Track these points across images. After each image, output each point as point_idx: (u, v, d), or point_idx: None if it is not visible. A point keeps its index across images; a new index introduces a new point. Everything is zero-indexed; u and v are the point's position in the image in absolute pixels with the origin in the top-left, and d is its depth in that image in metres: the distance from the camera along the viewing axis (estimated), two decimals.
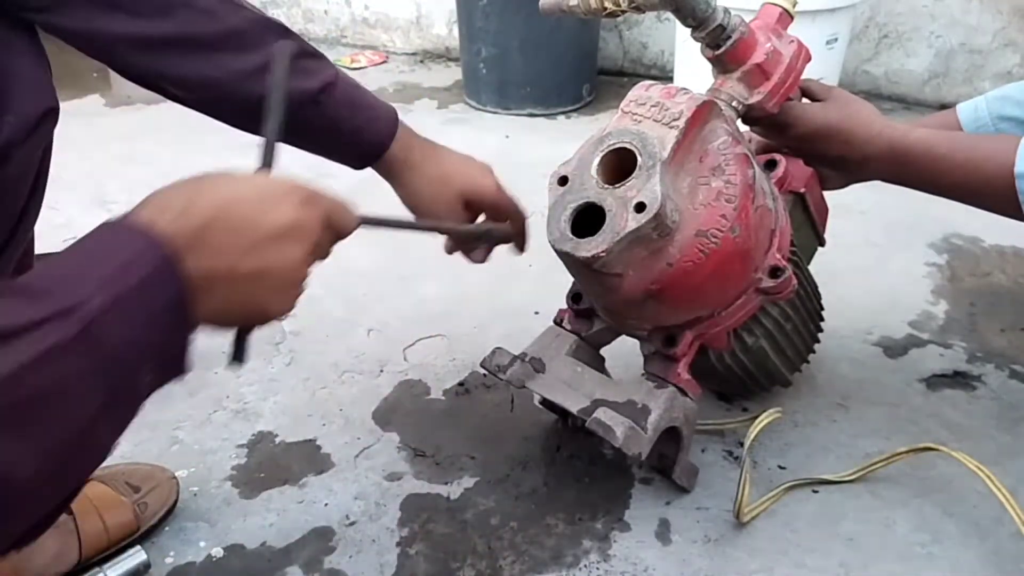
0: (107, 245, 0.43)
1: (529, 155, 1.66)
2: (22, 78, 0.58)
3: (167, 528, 0.80)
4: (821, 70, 1.65)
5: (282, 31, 0.70)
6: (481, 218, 0.82)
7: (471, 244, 0.84)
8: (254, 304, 0.49)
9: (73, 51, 0.66)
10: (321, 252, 0.53)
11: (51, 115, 0.60)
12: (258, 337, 1.14)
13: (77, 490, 0.44)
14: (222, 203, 0.46)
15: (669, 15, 0.77)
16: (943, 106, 1.94)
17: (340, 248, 0.61)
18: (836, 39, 1.65)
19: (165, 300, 0.43)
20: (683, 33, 1.75)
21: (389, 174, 0.81)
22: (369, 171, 0.82)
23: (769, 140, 0.85)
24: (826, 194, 0.94)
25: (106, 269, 0.41)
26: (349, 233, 0.55)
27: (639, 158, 0.68)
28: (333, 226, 0.53)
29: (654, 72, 2.22)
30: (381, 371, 1.02)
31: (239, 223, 0.46)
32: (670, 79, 2.01)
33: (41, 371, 0.38)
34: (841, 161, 0.82)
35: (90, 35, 0.64)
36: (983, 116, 0.97)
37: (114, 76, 2.11)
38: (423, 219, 0.77)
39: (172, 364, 0.45)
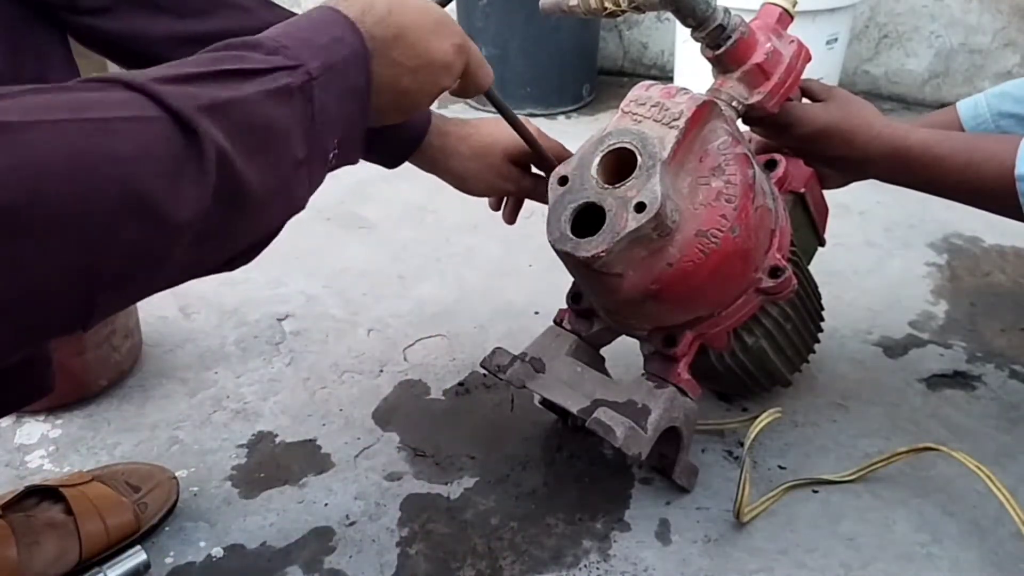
0: (324, 21, 0.50)
1: None
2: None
3: (167, 528, 0.79)
4: (821, 70, 1.65)
5: None
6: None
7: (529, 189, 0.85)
8: (393, 112, 0.56)
9: (76, 50, 0.66)
10: (450, 88, 0.61)
11: None
12: (258, 337, 1.14)
13: (277, 231, 0.50)
14: (408, 23, 0.53)
15: (669, 15, 0.77)
16: (943, 106, 1.93)
17: (340, 248, 0.62)
18: (836, 39, 1.65)
19: (356, 83, 0.50)
20: (683, 33, 1.75)
21: (431, 164, 0.82)
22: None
23: (769, 140, 0.85)
24: (826, 194, 0.94)
25: (322, 39, 0.48)
26: (480, 91, 0.63)
27: (639, 158, 0.68)
28: (470, 79, 0.61)
29: (654, 72, 2.22)
30: (381, 371, 1.02)
31: (414, 45, 0.54)
32: (670, 79, 2.01)
33: (272, 104, 0.44)
34: (841, 161, 0.82)
35: (134, 37, 0.66)
36: (983, 113, 0.97)
37: None
38: (538, 144, 0.78)
39: (350, 147, 0.52)
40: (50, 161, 0.35)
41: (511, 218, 0.89)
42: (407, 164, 0.83)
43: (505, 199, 0.88)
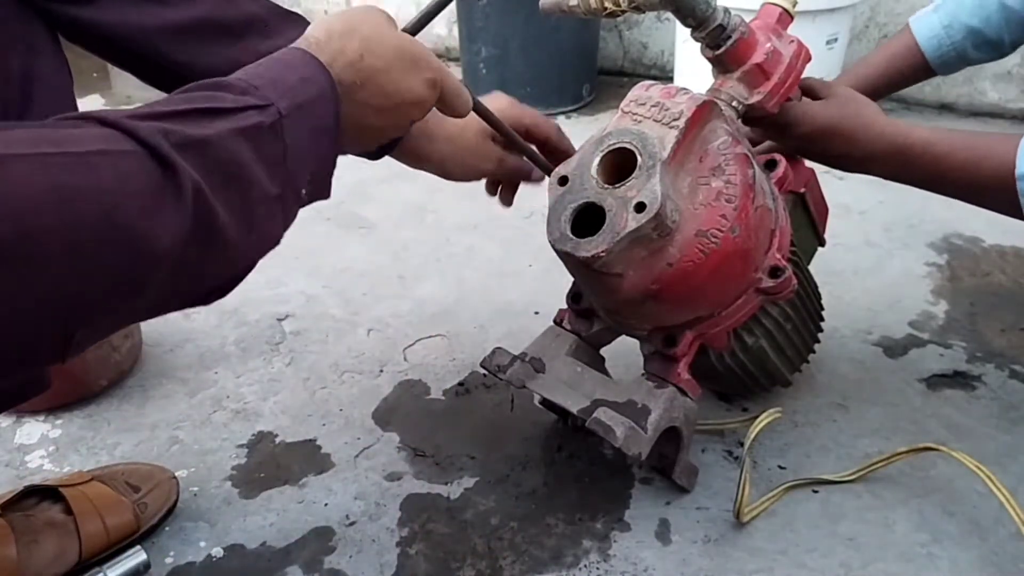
0: (293, 62, 0.51)
1: None
2: (45, 83, 0.59)
3: (167, 528, 0.80)
4: (821, 70, 1.65)
5: (299, 19, 0.71)
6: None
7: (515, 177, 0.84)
8: (357, 145, 0.58)
9: (73, 51, 0.66)
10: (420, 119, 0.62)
11: None
12: (258, 337, 1.15)
13: (252, 266, 0.51)
14: (380, 67, 0.54)
15: (669, 15, 0.77)
16: (943, 106, 1.95)
17: (340, 248, 0.62)
18: (836, 39, 1.65)
19: (325, 122, 0.51)
20: (683, 33, 1.75)
21: (409, 154, 0.79)
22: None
23: (770, 140, 0.85)
24: (826, 194, 0.94)
25: (291, 79, 0.49)
26: (457, 117, 0.63)
27: (639, 158, 0.68)
28: (446, 108, 0.61)
29: (654, 72, 2.22)
30: (381, 371, 1.02)
31: (383, 87, 0.55)
32: (670, 79, 2.01)
33: (242, 142, 0.45)
34: (843, 160, 0.82)
35: (118, 28, 0.66)
36: (947, 51, 1.05)
37: (114, 76, 2.11)
38: (514, 135, 0.76)
39: (321, 183, 0.54)
40: (33, 194, 0.35)
41: (507, 200, 0.86)
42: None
43: (499, 184, 0.85)
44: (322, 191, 0.54)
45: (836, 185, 1.01)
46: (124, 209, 0.38)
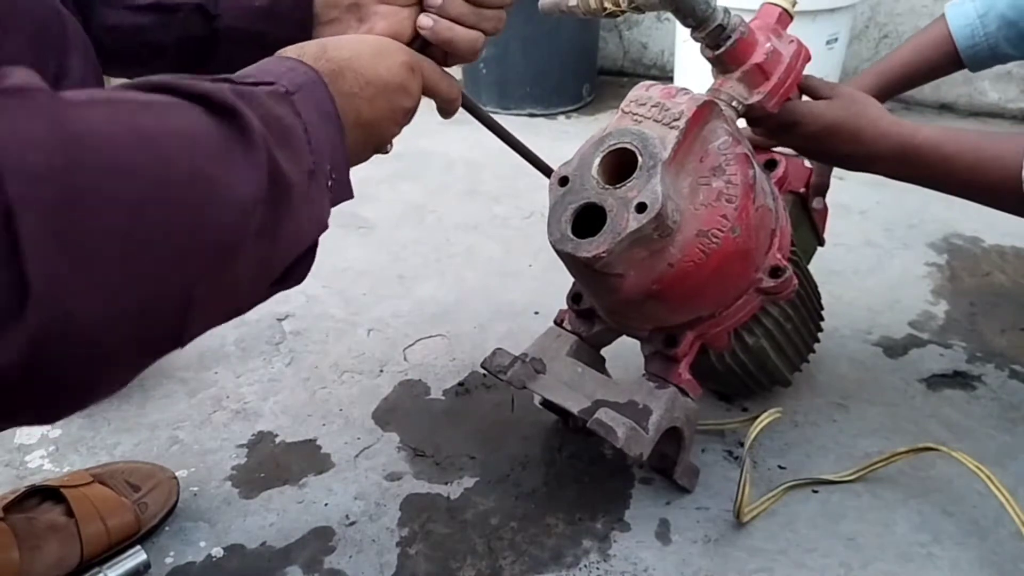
0: (270, 62, 0.49)
1: None
2: (73, 80, 0.58)
3: (167, 528, 0.79)
4: (821, 70, 1.65)
5: None
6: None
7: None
8: (364, 148, 0.56)
9: None
10: (412, 110, 0.59)
11: None
12: (258, 337, 1.14)
13: (311, 249, 0.49)
14: (348, 55, 0.53)
15: (669, 15, 0.77)
16: (943, 106, 1.95)
17: (340, 248, 0.61)
18: (836, 39, 1.65)
19: (326, 106, 0.49)
20: (683, 33, 1.75)
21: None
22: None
23: (773, 141, 0.85)
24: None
25: (280, 69, 0.48)
26: (452, 101, 0.63)
27: (640, 158, 0.68)
28: (436, 93, 0.60)
29: (654, 72, 2.22)
30: (381, 371, 1.02)
31: (362, 73, 0.53)
32: (670, 79, 2.01)
33: (277, 107, 0.44)
34: (847, 159, 0.82)
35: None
36: (980, 42, 1.03)
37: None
38: (508, 132, 0.75)
39: (341, 178, 0.51)
40: (117, 131, 0.34)
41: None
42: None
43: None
44: (344, 189, 0.53)
45: (836, 185, 1.01)
46: (204, 151, 0.37)
